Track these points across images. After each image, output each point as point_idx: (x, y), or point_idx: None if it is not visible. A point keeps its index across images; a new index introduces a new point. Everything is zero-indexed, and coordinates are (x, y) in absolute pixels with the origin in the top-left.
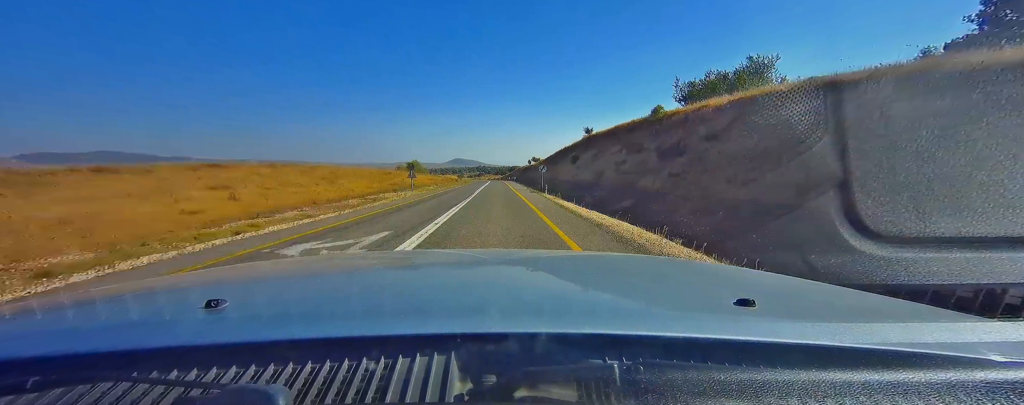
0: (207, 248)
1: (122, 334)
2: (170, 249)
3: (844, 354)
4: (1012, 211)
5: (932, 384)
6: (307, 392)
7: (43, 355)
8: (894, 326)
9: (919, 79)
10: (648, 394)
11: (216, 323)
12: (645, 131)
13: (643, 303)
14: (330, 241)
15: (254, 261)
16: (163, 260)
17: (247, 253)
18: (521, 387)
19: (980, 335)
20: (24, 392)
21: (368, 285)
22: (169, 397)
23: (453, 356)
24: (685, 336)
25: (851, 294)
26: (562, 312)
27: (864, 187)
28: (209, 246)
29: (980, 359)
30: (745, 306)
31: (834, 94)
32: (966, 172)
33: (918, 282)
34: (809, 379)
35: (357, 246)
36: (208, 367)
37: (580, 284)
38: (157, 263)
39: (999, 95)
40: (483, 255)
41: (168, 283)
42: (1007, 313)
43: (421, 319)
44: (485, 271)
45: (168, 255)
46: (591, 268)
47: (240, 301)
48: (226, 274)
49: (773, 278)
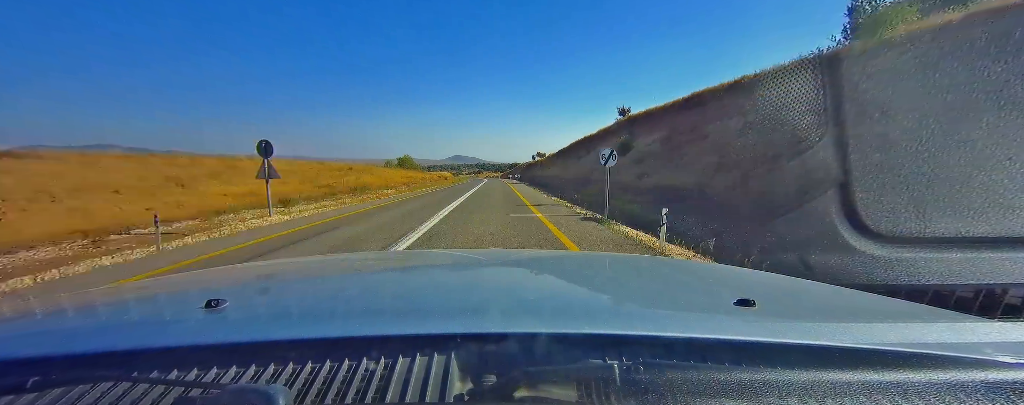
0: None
1: (122, 334)
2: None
3: (844, 354)
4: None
5: (932, 384)
6: (307, 392)
7: (43, 355)
8: (894, 326)
9: None
10: (648, 394)
11: (216, 323)
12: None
13: (643, 303)
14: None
15: (254, 262)
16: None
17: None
18: (521, 387)
19: (980, 335)
20: (24, 392)
21: (368, 285)
22: (169, 397)
23: (453, 356)
24: (685, 336)
25: (851, 294)
26: (562, 312)
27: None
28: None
29: (980, 359)
30: (745, 306)
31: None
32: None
33: (918, 282)
34: (809, 379)
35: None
36: (208, 367)
37: (580, 284)
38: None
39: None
40: (483, 255)
41: (168, 283)
42: (1007, 313)
43: (421, 319)
44: (485, 271)
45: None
46: (591, 268)
47: (240, 301)
48: (226, 274)
49: (773, 278)
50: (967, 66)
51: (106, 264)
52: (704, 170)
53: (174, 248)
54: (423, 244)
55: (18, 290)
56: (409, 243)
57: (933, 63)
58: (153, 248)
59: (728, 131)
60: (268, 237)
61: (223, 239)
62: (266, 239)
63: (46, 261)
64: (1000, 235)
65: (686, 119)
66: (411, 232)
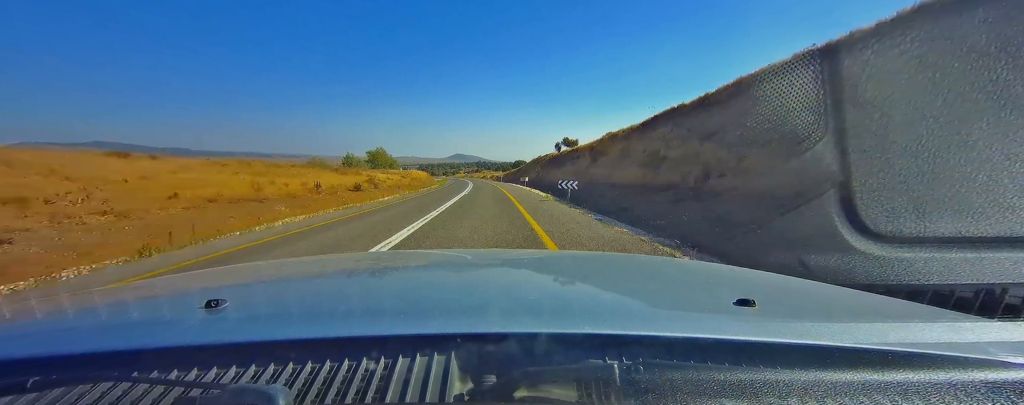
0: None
1: (122, 334)
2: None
3: (844, 354)
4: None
5: (932, 384)
6: (307, 392)
7: (43, 355)
8: (894, 326)
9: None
10: (648, 394)
11: (216, 323)
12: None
13: (643, 303)
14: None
15: (254, 262)
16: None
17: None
18: (521, 387)
19: (980, 335)
20: (24, 392)
21: (368, 285)
22: (169, 397)
23: (453, 356)
24: (685, 336)
25: (851, 294)
26: (562, 312)
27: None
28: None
29: (980, 359)
30: (745, 306)
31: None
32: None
33: (917, 282)
34: (809, 379)
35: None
36: (208, 367)
37: (580, 284)
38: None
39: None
40: (483, 255)
41: (168, 283)
42: (1007, 313)
43: (421, 319)
44: (485, 271)
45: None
46: (591, 268)
47: (240, 301)
48: (226, 274)
49: (773, 278)
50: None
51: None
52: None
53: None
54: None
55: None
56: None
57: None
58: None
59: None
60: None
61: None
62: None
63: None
64: (999, 235)
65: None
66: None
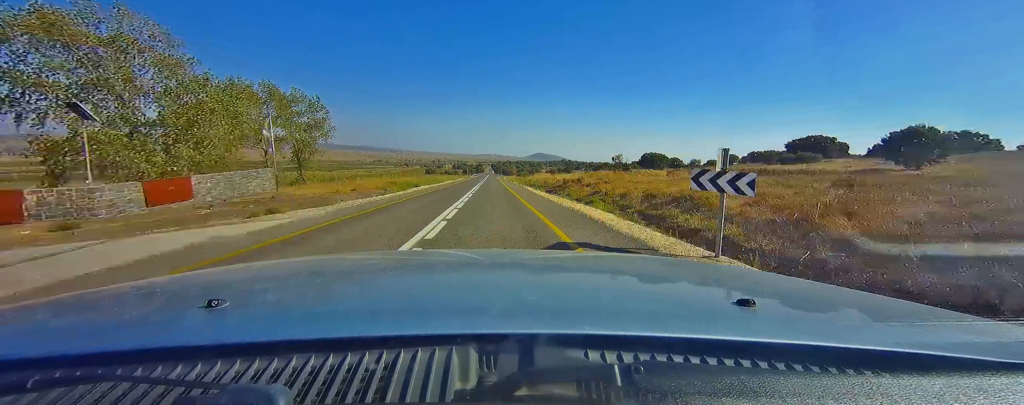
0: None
1: (122, 334)
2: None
3: (844, 354)
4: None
5: (932, 384)
6: (307, 392)
7: (43, 355)
8: (894, 326)
9: None
10: (648, 394)
11: (216, 323)
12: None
13: (643, 303)
14: None
15: (254, 262)
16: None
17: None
18: (521, 387)
19: (980, 335)
20: (24, 392)
21: (368, 285)
22: (169, 397)
23: (453, 356)
24: (685, 336)
25: (851, 294)
26: (562, 312)
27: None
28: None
29: (981, 360)
30: (745, 306)
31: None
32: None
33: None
34: (809, 380)
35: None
36: (208, 367)
37: (580, 284)
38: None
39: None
40: (483, 256)
41: (168, 283)
42: (1007, 313)
43: (421, 319)
44: (485, 271)
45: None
46: (591, 268)
47: (240, 301)
48: (226, 274)
49: (773, 278)
50: None
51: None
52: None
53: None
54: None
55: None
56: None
57: None
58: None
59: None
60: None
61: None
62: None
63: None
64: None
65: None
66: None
